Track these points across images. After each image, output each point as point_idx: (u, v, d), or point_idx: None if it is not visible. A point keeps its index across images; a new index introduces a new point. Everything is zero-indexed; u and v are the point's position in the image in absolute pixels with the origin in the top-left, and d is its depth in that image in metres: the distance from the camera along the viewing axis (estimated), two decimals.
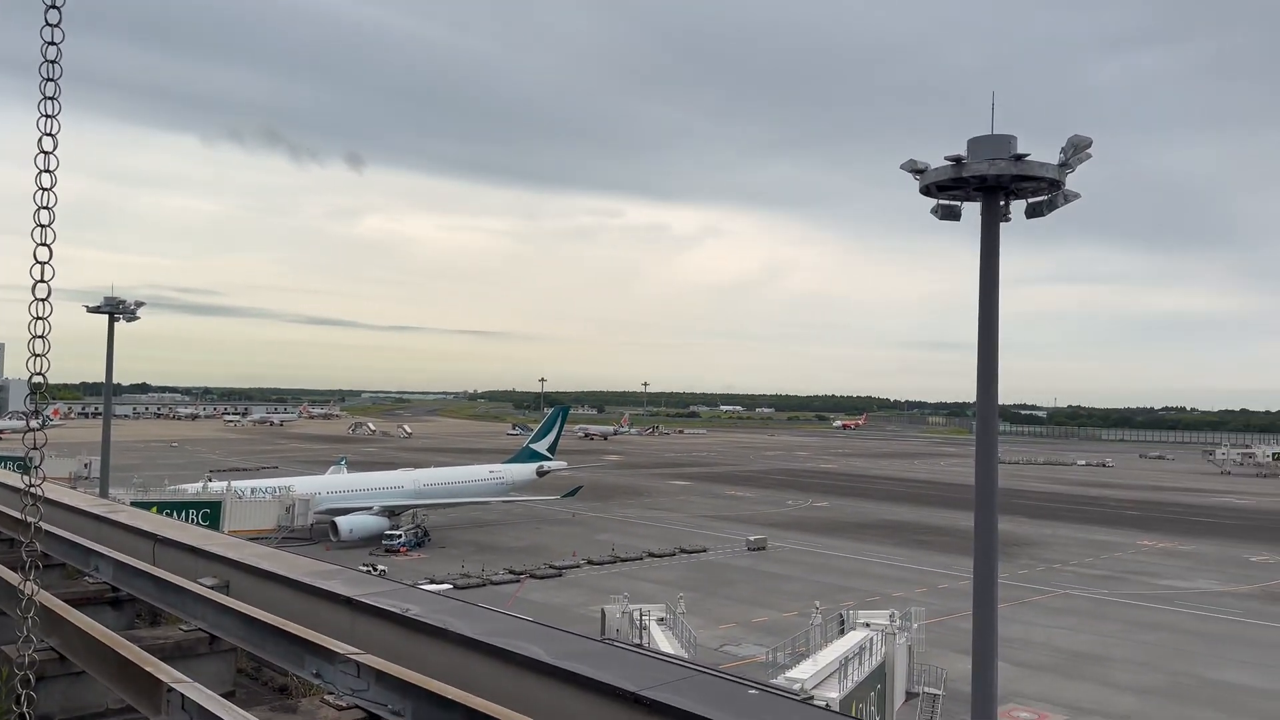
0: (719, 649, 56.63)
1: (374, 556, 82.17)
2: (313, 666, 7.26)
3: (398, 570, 73.75)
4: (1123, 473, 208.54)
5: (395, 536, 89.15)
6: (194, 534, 13.19)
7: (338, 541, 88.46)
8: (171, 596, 9.48)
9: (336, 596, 9.06)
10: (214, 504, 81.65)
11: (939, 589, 75.14)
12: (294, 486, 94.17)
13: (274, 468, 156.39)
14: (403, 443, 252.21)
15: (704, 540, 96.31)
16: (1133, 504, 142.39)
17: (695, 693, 6.53)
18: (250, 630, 8.10)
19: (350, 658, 6.89)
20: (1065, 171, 24.04)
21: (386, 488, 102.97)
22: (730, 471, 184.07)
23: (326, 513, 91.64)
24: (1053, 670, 55.33)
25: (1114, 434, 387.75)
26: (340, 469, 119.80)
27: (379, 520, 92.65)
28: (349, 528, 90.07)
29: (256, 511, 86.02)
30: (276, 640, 7.74)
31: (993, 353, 25.31)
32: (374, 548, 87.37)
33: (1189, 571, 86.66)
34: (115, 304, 62.50)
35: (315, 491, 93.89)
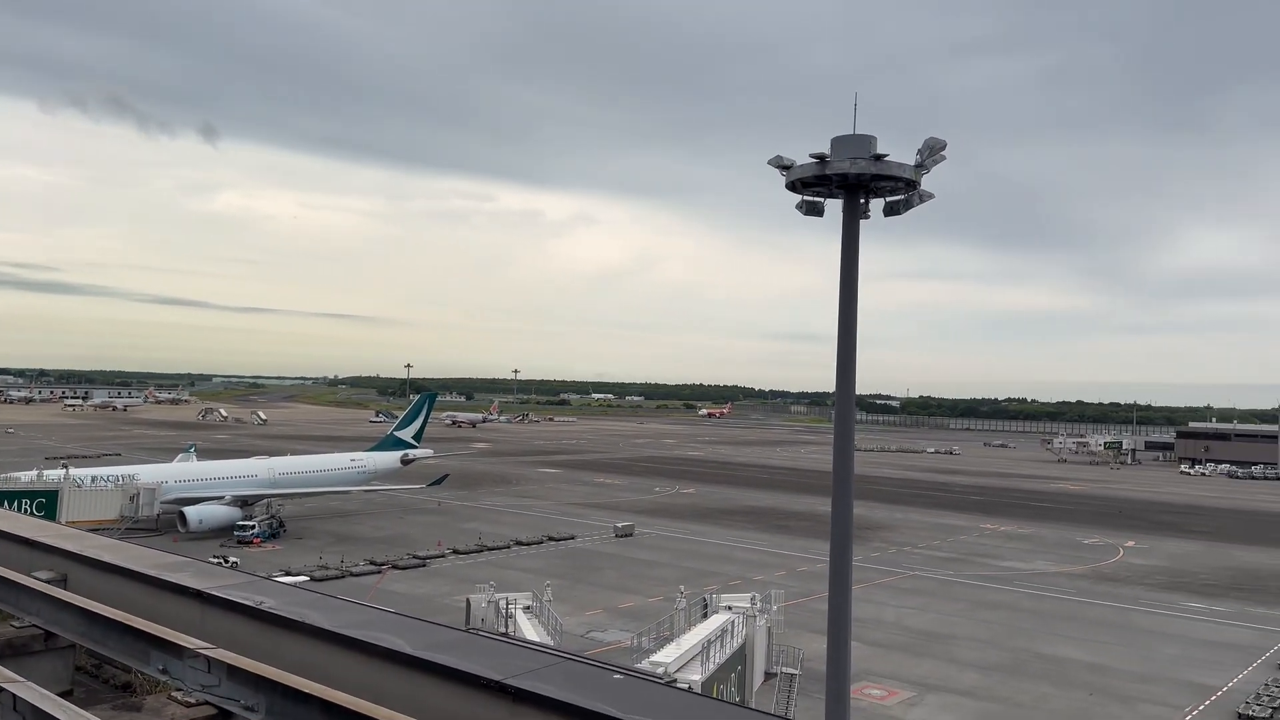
0: (585, 635, 56.93)
1: (225, 548, 79.08)
2: (159, 662, 6.95)
3: (251, 562, 71.09)
4: (968, 460, 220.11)
5: (248, 527, 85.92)
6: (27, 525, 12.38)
7: (186, 532, 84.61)
8: (2, 592, 8.89)
9: (185, 589, 8.67)
10: (50, 493, 76.58)
11: (798, 572, 77.62)
12: (139, 475, 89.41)
13: (117, 455, 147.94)
14: (257, 429, 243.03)
15: (572, 528, 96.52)
16: (977, 490, 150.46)
17: (560, 679, 6.56)
18: (90, 626, 7.68)
19: (200, 652, 6.62)
20: (921, 172, 25.08)
21: (239, 476, 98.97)
22: (599, 459, 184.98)
23: (174, 502, 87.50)
24: (902, 649, 57.97)
25: (961, 423, 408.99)
26: (189, 457, 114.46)
27: (231, 510, 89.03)
28: (199, 518, 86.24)
29: (97, 501, 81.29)
30: (120, 636, 7.36)
31: (851, 345, 26.23)
32: (226, 539, 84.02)
33: (1028, 554, 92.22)
34: None
35: (162, 480, 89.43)
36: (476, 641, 7.87)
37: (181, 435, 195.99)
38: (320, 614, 7.80)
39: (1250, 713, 47.38)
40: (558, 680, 6.51)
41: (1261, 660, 57.56)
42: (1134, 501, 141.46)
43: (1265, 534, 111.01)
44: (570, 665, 7.15)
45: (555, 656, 7.43)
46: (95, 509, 79.34)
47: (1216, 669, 55.49)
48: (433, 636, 7.48)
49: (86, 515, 75.10)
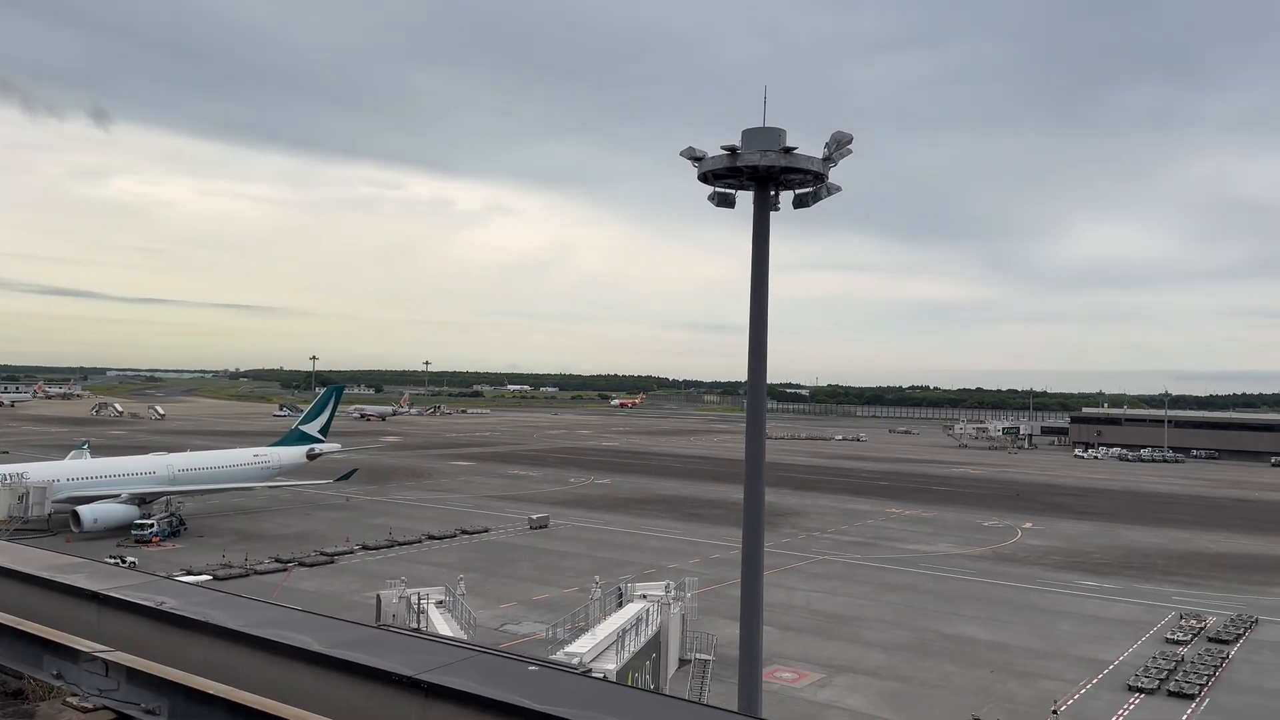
0: (499, 628, 56.66)
1: (123, 548, 76.27)
2: (53, 667, 6.68)
3: (150, 562, 68.68)
4: (875, 446, 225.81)
5: (147, 526, 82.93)
6: None
7: (80, 532, 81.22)
8: None
9: (80, 591, 8.35)
10: None
11: (711, 559, 78.56)
12: (28, 473, 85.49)
13: (4, 453, 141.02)
14: (155, 425, 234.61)
15: (486, 520, 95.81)
16: (883, 475, 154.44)
17: (474, 673, 6.52)
18: None
19: (97, 655, 6.40)
20: (829, 165, 25.59)
21: (136, 474, 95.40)
22: (514, 451, 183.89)
23: (67, 501, 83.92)
24: (812, 631, 59.24)
25: (868, 410, 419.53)
26: (83, 454, 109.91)
27: (128, 509, 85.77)
28: (93, 517, 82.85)
29: None
30: (9, 640, 7.06)
31: (762, 334, 26.64)
32: (123, 538, 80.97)
33: (931, 536, 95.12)
34: None
35: (54, 478, 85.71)
36: (387, 638, 7.78)
37: (74, 431, 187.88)
38: (224, 613, 7.60)
39: (1139, 684, 49.88)
40: (471, 674, 6.47)
41: (1149, 635, 60.58)
42: (1031, 485, 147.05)
43: (1153, 514, 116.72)
44: (484, 658, 7.12)
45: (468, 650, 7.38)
46: None
47: (1108, 644, 58.19)
48: (342, 634, 7.36)
49: None
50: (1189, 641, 58.43)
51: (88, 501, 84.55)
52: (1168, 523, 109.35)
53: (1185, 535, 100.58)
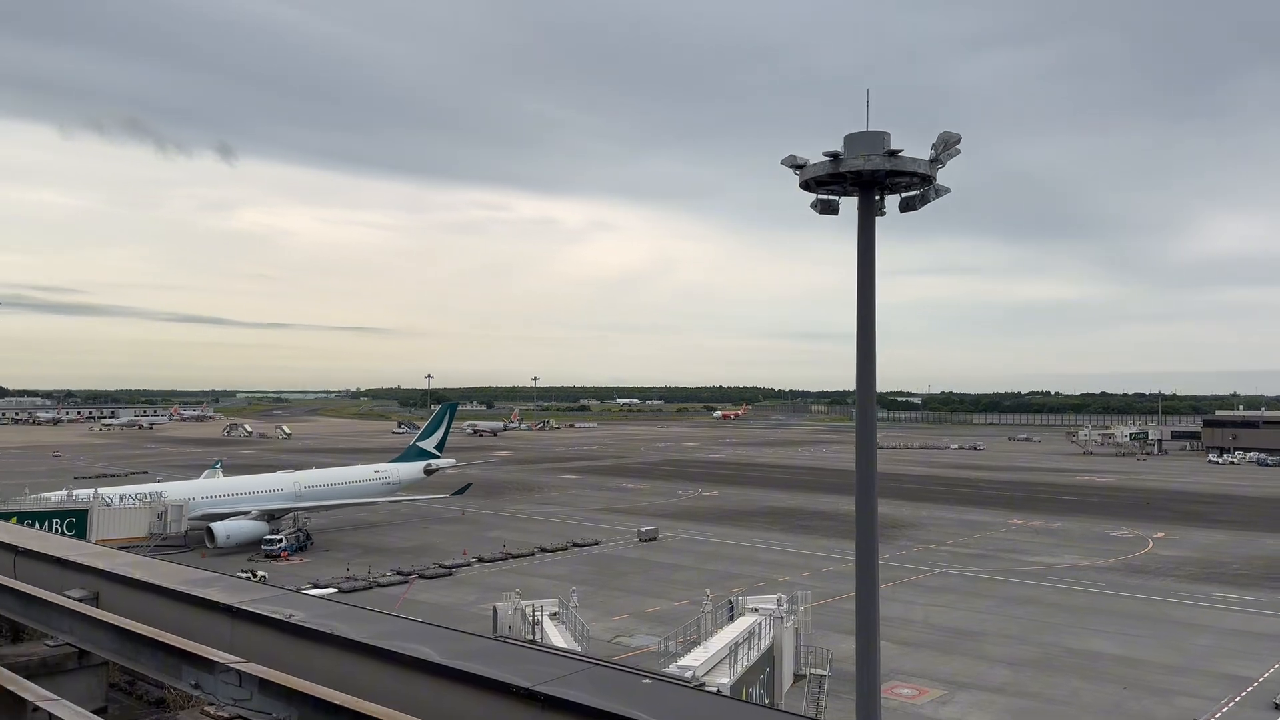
0: (612, 641, 56.94)
1: (253, 562, 79.62)
2: (191, 677, 7.01)
3: (279, 575, 71.54)
4: (993, 455, 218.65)
5: (275, 541, 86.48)
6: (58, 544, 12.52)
7: (214, 548, 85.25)
8: (35, 611, 8.99)
9: (215, 604, 8.74)
10: (80, 513, 77.48)
11: (823, 572, 77.31)
12: (166, 492, 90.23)
13: (144, 473, 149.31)
14: (282, 444, 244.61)
15: (596, 533, 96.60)
16: (1003, 485, 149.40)
17: (589, 685, 6.57)
18: (123, 643, 7.76)
19: (231, 666, 6.67)
20: (936, 167, 25.01)
21: (265, 491, 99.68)
22: (621, 464, 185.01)
23: (202, 518, 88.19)
24: (931, 647, 57.61)
25: (984, 418, 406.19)
26: (215, 473, 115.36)
27: (258, 525, 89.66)
28: (226, 533, 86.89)
29: (126, 519, 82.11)
30: (152, 652, 7.43)
31: (870, 342, 26.16)
32: (253, 553, 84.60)
33: (1055, 548, 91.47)
34: None
35: (189, 497, 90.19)
36: (504, 649, 7.90)
37: (207, 452, 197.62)
38: (349, 625, 7.85)
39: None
40: (586, 686, 6.52)
41: None
42: (1162, 492, 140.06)
43: None
44: (598, 670, 7.16)
45: (583, 662, 7.44)
46: (124, 527, 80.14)
47: (1251, 659, 54.81)
48: (461, 645, 7.51)
49: (116, 533, 75.95)
50: None
51: (221, 518, 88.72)
52: None
53: None
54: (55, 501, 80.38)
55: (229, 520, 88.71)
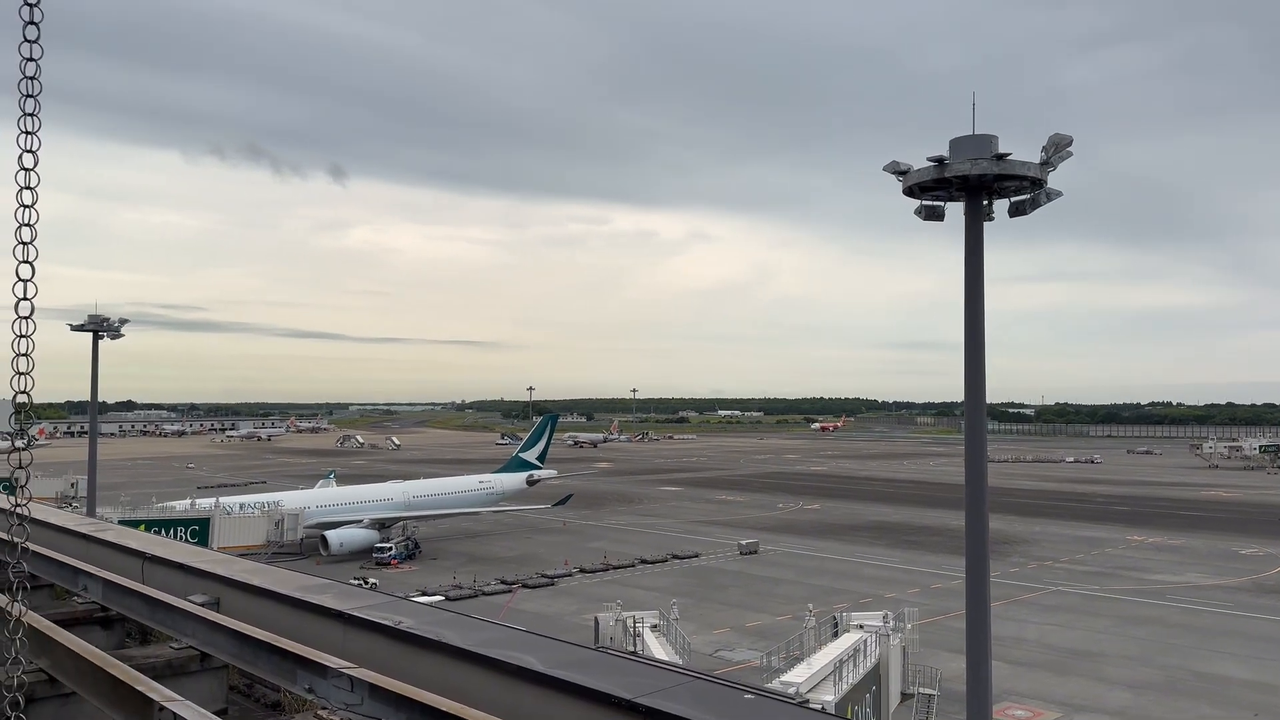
0: (713, 654, 56.57)
1: (365, 569, 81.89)
2: (305, 681, 7.22)
3: (389, 583, 73.45)
4: (1111, 468, 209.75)
5: (386, 549, 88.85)
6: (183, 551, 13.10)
7: (328, 555, 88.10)
8: (161, 615, 9.41)
9: (328, 610, 9.01)
10: (202, 521, 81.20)
11: (931, 589, 75.29)
12: (283, 501, 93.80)
13: (262, 483, 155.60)
14: (391, 454, 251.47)
15: (696, 545, 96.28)
16: (1121, 499, 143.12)
17: (691, 699, 6.52)
18: (242, 647, 8.05)
19: (343, 671, 6.85)
20: (1047, 170, 24.21)
21: (376, 500, 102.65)
22: (721, 476, 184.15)
23: (316, 527, 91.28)
24: (1046, 667, 55.48)
25: (1101, 430, 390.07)
26: (329, 482, 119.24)
27: (369, 533, 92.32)
28: (339, 541, 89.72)
29: (245, 527, 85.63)
30: (268, 656, 7.69)
31: (979, 351, 25.42)
32: (365, 561, 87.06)
33: (1179, 566, 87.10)
34: (99, 322, 62.16)
35: (304, 506, 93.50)
36: (606, 660, 7.91)
37: (322, 462, 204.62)
38: (456, 632, 7.98)
39: None
40: (688, 700, 6.47)
41: None
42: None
43: None
44: (700, 684, 7.10)
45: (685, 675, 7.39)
46: (244, 535, 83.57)
47: None
48: (563, 654, 7.55)
49: (236, 541, 79.26)
50: None
51: (334, 527, 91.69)
52: None
53: None
54: (180, 510, 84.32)
55: (342, 529, 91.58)
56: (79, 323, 61.97)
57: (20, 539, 6.09)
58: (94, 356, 63.29)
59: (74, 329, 61.88)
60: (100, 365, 63.89)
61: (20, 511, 6.00)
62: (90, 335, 62.19)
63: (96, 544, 13.89)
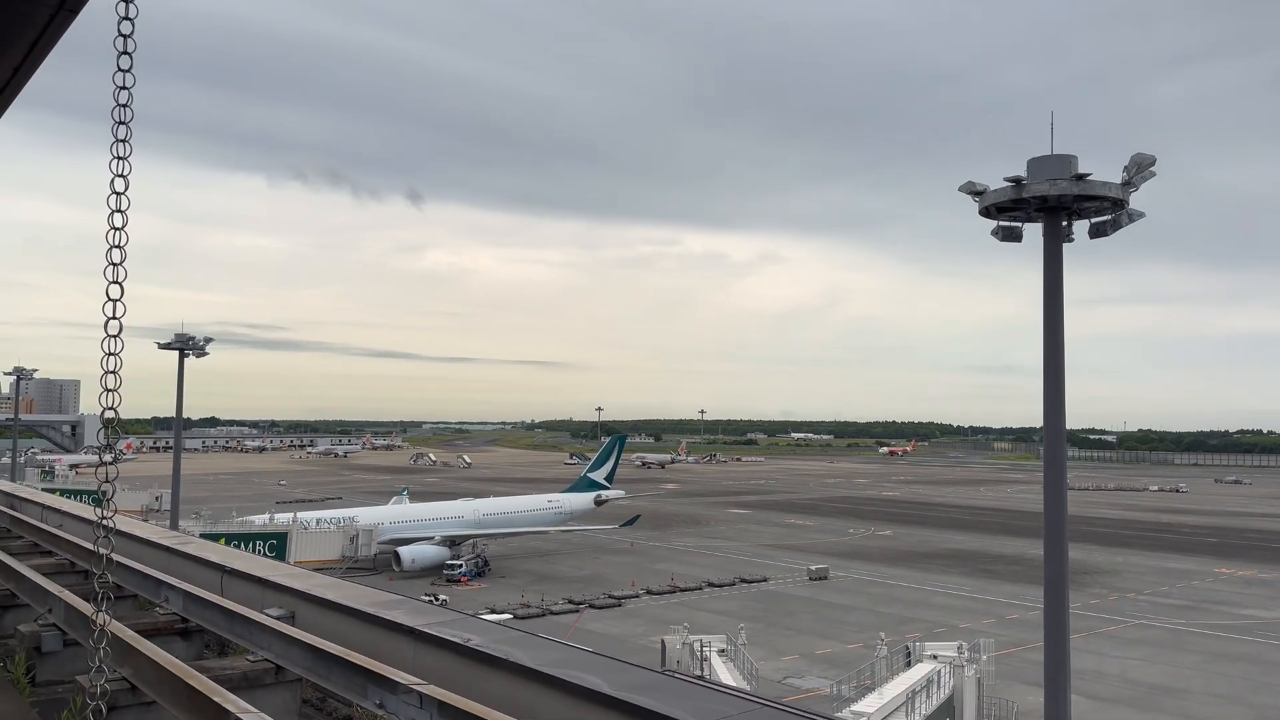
0: (781, 681, 55.77)
1: (435, 586, 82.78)
2: (376, 697, 7.28)
3: (459, 600, 74.13)
4: (1198, 498, 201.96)
5: (456, 566, 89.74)
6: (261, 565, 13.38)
7: (400, 571, 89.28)
8: (239, 627, 9.61)
9: (399, 626, 9.09)
10: (280, 535, 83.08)
11: (1008, 620, 73.22)
12: (358, 517, 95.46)
13: (338, 499, 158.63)
14: (463, 473, 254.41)
15: (764, 570, 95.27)
16: (1209, 530, 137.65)
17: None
18: (315, 660, 8.17)
19: (413, 688, 6.90)
20: (1129, 190, 23.60)
21: (447, 518, 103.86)
22: (789, 499, 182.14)
23: (389, 543, 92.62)
24: (1128, 704, 53.45)
25: (1187, 458, 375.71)
26: (402, 499, 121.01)
27: (440, 550, 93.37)
28: (411, 558, 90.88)
29: (321, 542, 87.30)
30: (341, 670, 7.78)
31: (1059, 376, 24.78)
32: (435, 577, 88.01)
33: (1271, 600, 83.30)
34: (185, 340, 64.33)
35: (378, 522, 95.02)
36: (673, 684, 7.82)
37: (396, 479, 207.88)
38: (523, 651, 7.98)
39: None
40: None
41: None
42: None
43: None
44: (769, 712, 6.98)
45: (753, 702, 7.27)
46: (319, 550, 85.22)
47: None
48: (630, 677, 7.48)
49: (312, 555, 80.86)
50: None
51: (407, 543, 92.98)
52: None
53: None
54: (258, 525, 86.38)
55: (414, 545, 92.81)
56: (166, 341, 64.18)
57: (106, 550, 6.27)
58: (180, 373, 65.42)
59: (161, 347, 64.12)
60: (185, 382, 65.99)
61: (106, 524, 6.18)
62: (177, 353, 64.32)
63: (178, 556, 14.27)
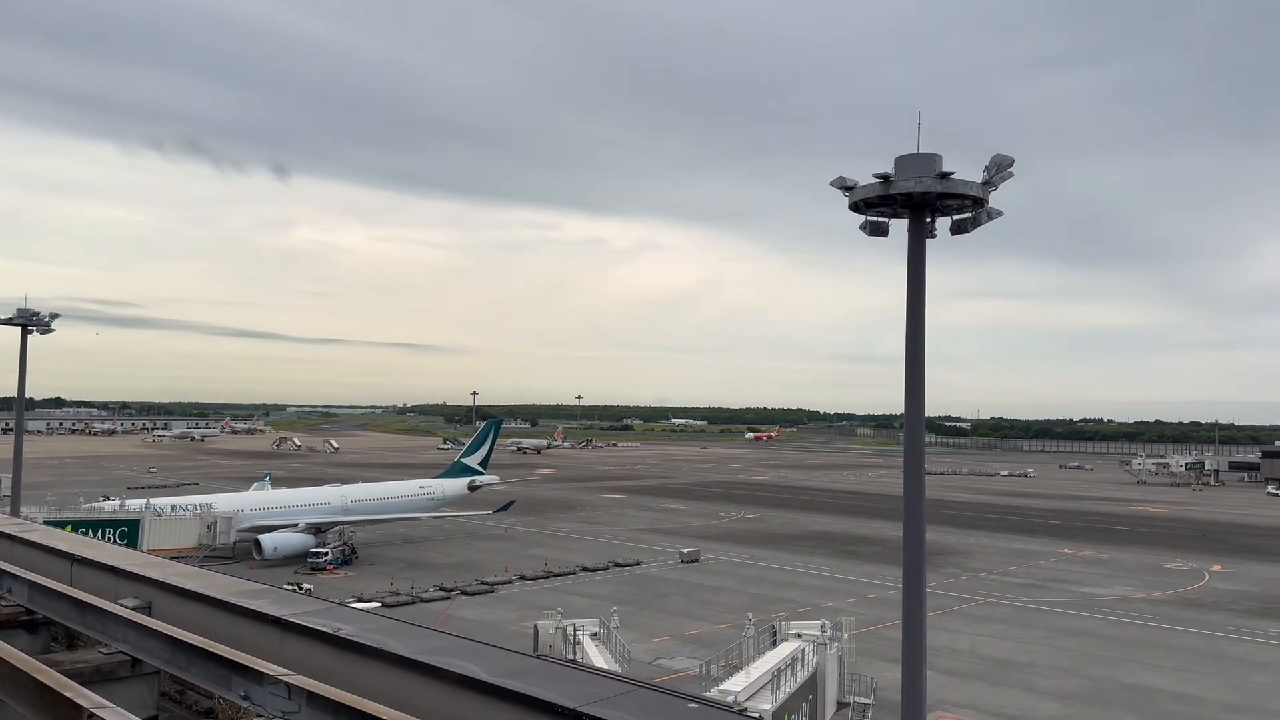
0: (653, 662, 56.58)
1: (299, 575, 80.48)
2: (240, 688, 7.07)
3: (324, 589, 72.26)
4: (1043, 483, 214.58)
5: (322, 554, 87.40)
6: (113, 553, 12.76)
7: (261, 560, 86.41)
8: (90, 618, 9.15)
9: (265, 616, 8.84)
10: (132, 522, 78.98)
11: (868, 599, 76.25)
12: (216, 504, 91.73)
13: (195, 484, 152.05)
14: (329, 458, 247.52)
15: (638, 553, 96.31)
16: (1053, 513, 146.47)
17: (636, 708, 6.52)
18: (174, 652, 7.86)
19: (280, 679, 6.73)
20: (988, 189, 24.72)
21: (312, 504, 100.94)
22: (664, 484, 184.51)
23: (250, 530, 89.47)
24: (979, 677, 56.48)
25: (1035, 445, 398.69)
26: (264, 485, 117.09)
27: (304, 538, 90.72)
28: (274, 545, 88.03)
29: (177, 530, 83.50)
30: (202, 662, 7.52)
31: (919, 365, 25.84)
32: (299, 566, 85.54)
33: (1107, 579, 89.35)
34: (28, 316, 60.31)
35: (238, 509, 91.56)
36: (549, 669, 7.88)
37: (257, 464, 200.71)
38: (396, 640, 7.89)
39: None
40: (633, 709, 6.47)
41: None
42: (1219, 524, 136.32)
43: None
44: (643, 693, 7.11)
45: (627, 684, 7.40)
46: (175, 537, 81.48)
47: None
48: (506, 663, 7.50)
49: (167, 543, 77.23)
50: None
51: (269, 530, 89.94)
52: None
53: None
54: (109, 511, 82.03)
55: (276, 533, 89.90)
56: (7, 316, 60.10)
57: None
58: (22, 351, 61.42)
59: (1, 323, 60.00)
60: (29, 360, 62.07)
61: None
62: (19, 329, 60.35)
63: (21, 544, 13.47)
